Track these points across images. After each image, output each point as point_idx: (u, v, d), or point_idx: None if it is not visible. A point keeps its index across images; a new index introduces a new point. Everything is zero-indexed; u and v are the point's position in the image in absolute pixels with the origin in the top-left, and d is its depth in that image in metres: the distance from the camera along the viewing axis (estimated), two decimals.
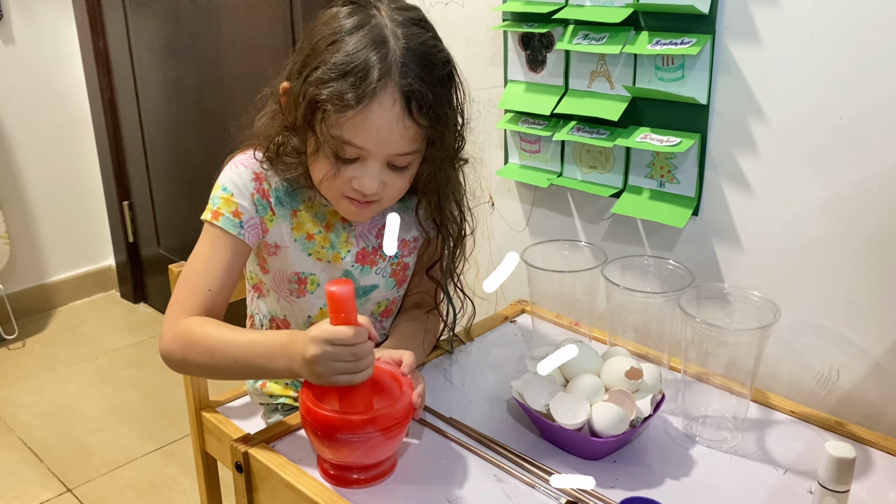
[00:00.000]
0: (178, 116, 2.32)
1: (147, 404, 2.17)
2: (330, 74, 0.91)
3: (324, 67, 0.92)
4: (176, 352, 0.98)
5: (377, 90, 0.90)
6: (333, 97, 0.90)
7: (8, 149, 2.51)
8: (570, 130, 1.26)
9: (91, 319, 2.67)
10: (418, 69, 0.92)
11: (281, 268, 1.07)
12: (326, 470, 0.91)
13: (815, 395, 1.12)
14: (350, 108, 0.90)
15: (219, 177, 1.05)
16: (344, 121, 0.91)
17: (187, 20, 2.15)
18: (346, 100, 0.90)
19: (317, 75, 0.92)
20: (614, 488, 0.89)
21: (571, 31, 1.23)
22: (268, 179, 1.04)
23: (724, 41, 1.09)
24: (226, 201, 1.02)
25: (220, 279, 1.01)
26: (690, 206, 1.17)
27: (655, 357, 1.10)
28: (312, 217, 1.06)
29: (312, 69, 0.93)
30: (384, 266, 1.11)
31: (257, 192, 1.03)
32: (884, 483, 0.91)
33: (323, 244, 1.07)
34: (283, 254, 1.06)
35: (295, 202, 1.06)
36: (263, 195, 1.04)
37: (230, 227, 1.02)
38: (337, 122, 0.92)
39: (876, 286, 1.03)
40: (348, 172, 0.96)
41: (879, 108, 0.98)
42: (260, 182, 1.03)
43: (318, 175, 0.98)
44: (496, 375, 1.13)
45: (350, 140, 0.93)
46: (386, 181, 0.97)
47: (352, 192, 0.97)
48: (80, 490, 1.83)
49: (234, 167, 1.05)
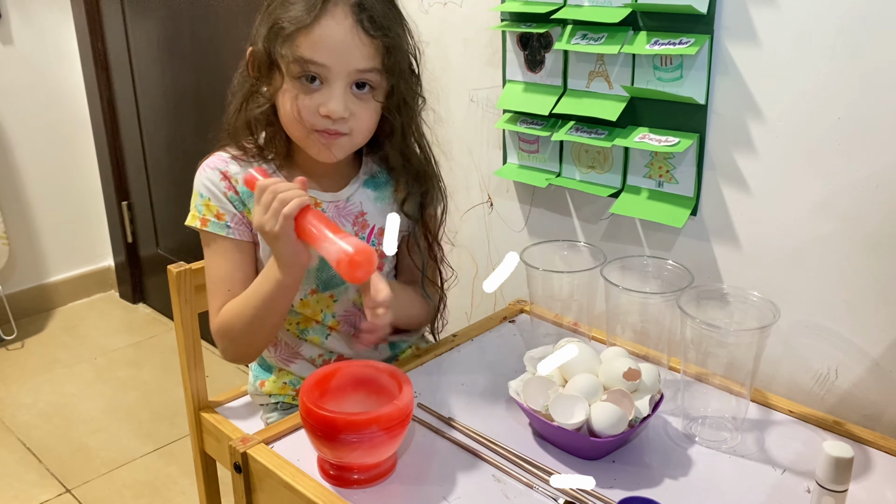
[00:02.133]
0: (177, 117, 2.32)
1: (146, 405, 2.17)
2: (285, 6, 0.99)
3: (277, 6, 1.00)
4: (228, 346, 1.08)
5: (329, 5, 0.97)
6: (288, 18, 0.98)
7: (7, 149, 2.51)
8: (569, 130, 1.26)
9: (90, 320, 2.67)
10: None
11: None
12: (326, 470, 0.91)
13: (815, 394, 1.12)
14: (309, 21, 0.97)
15: (194, 183, 1.10)
16: (301, 38, 0.98)
17: (186, 20, 2.15)
18: (300, 17, 0.97)
19: (274, 13, 1.00)
20: (613, 488, 0.89)
21: (570, 31, 1.23)
22: (234, 176, 1.08)
23: (723, 41, 1.09)
24: (206, 206, 1.08)
25: (234, 279, 1.08)
26: (689, 206, 1.18)
27: (655, 357, 1.10)
28: None
29: (269, 12, 1.01)
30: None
31: (228, 189, 1.08)
32: (882, 483, 0.91)
33: None
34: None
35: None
36: (234, 192, 1.08)
37: (218, 229, 1.08)
38: (294, 41, 0.98)
39: (875, 286, 1.03)
40: (315, 100, 1.00)
41: (878, 109, 0.98)
42: (228, 180, 1.08)
43: (287, 109, 1.02)
44: (495, 375, 1.13)
45: (310, 57, 0.98)
46: (352, 109, 1.01)
47: (320, 121, 1.01)
48: (78, 490, 1.83)
49: (203, 171, 1.10)
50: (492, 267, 1.51)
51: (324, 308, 1.14)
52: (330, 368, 0.95)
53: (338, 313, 1.15)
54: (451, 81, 1.46)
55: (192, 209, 1.09)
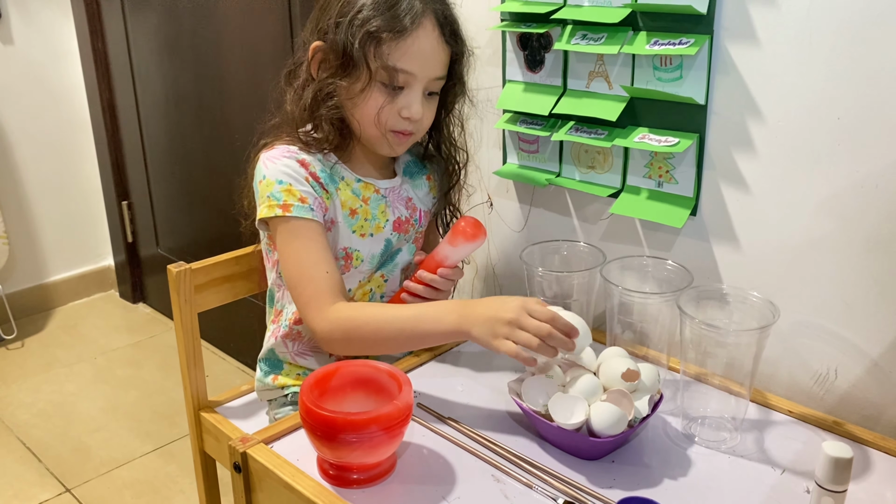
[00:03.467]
0: (177, 116, 2.32)
1: (146, 404, 2.17)
2: (375, 12, 1.03)
3: (365, 9, 1.03)
4: (338, 339, 1.06)
5: (422, 16, 1.04)
6: (386, 27, 1.03)
7: (7, 149, 2.51)
8: (569, 130, 1.26)
9: (90, 319, 2.67)
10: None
11: (332, 244, 1.13)
12: (326, 470, 0.91)
13: (814, 395, 1.12)
14: (404, 31, 1.03)
15: (263, 174, 1.09)
16: (396, 47, 1.04)
17: (186, 20, 2.15)
18: (401, 25, 1.03)
19: (363, 16, 1.03)
20: (612, 488, 0.89)
21: (570, 31, 1.23)
22: (311, 164, 1.10)
23: (723, 41, 1.09)
24: (288, 192, 1.08)
25: (328, 259, 1.08)
26: (689, 206, 1.18)
27: (654, 357, 1.10)
28: (351, 194, 1.14)
29: (355, 14, 1.04)
30: (412, 234, 1.22)
31: (308, 176, 1.10)
32: (882, 483, 0.91)
33: (365, 217, 1.15)
34: (335, 229, 1.13)
35: (335, 182, 1.13)
36: (314, 177, 1.10)
37: (304, 213, 1.07)
38: (390, 49, 1.03)
39: (874, 286, 1.03)
40: (397, 103, 1.07)
41: (877, 108, 0.98)
42: (306, 167, 1.10)
43: (369, 111, 1.07)
44: (494, 375, 1.13)
45: (401, 66, 1.04)
46: (423, 109, 1.09)
47: (400, 122, 1.09)
48: (78, 490, 1.83)
49: (275, 160, 1.10)
50: (491, 267, 1.52)
51: (374, 288, 1.19)
52: (329, 368, 0.95)
53: (386, 293, 1.21)
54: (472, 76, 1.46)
55: (265, 201, 1.08)
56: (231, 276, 1.29)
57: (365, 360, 0.97)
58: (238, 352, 2.38)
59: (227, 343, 2.40)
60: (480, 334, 0.95)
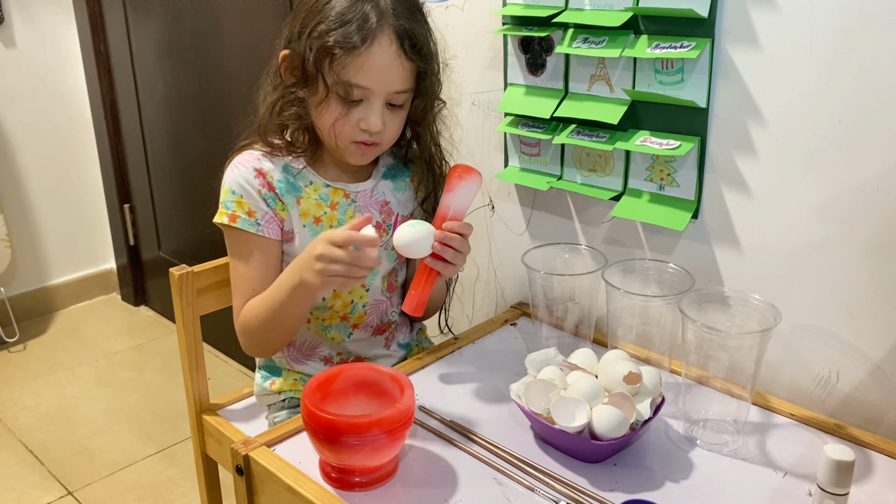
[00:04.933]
0: (179, 119, 2.33)
1: (147, 407, 2.17)
2: (332, 25, 1.02)
3: (325, 21, 1.03)
4: (247, 341, 1.12)
5: (377, 32, 1.02)
6: (340, 42, 1.02)
7: (9, 151, 2.51)
8: (570, 134, 1.26)
9: (92, 322, 2.67)
10: (406, 12, 1.06)
11: (297, 254, 1.12)
12: (328, 473, 0.91)
13: (816, 397, 1.12)
14: (356, 48, 1.02)
15: (223, 180, 1.12)
16: (350, 62, 1.02)
17: (188, 23, 2.15)
18: (352, 42, 1.02)
19: (320, 28, 1.03)
20: (614, 491, 0.89)
21: (571, 34, 1.23)
22: (269, 173, 1.11)
23: (724, 45, 1.09)
24: (237, 203, 1.09)
25: (260, 278, 1.11)
26: (690, 209, 1.18)
27: (656, 360, 1.10)
28: (316, 200, 1.13)
29: (315, 25, 1.03)
30: (387, 240, 1.17)
31: (263, 186, 1.10)
32: (884, 486, 0.91)
33: (331, 224, 1.14)
34: (298, 240, 1.13)
35: (297, 191, 1.12)
36: (269, 188, 1.10)
37: (249, 226, 1.09)
38: (343, 64, 1.03)
39: (875, 289, 1.03)
40: (355, 115, 1.06)
41: (878, 112, 0.98)
42: (263, 177, 1.10)
43: (326, 122, 1.07)
44: (496, 378, 1.13)
45: (356, 81, 1.03)
46: (386, 121, 1.07)
47: (359, 134, 1.07)
48: (80, 493, 1.83)
49: (235, 168, 1.12)
50: (493, 269, 1.52)
51: (355, 298, 1.18)
52: (332, 371, 0.95)
53: (368, 302, 1.19)
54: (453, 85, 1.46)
55: (220, 206, 1.11)
56: None
57: (367, 364, 0.97)
58: (240, 355, 2.38)
59: (229, 346, 2.40)
60: (309, 278, 0.99)
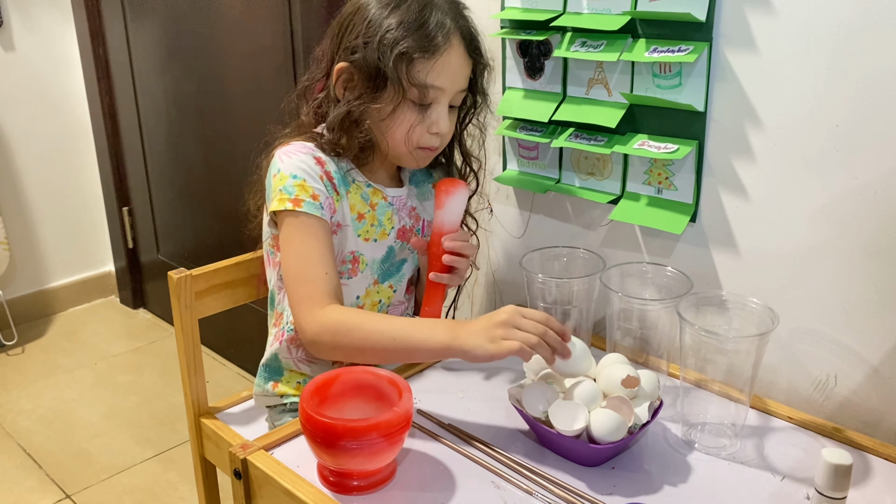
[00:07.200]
0: (178, 122, 2.33)
1: (146, 410, 2.17)
2: (405, 32, 1.04)
3: (396, 29, 1.04)
4: (327, 341, 1.03)
5: (452, 34, 1.06)
6: (419, 46, 1.04)
7: (8, 155, 2.51)
8: (568, 137, 1.27)
9: (90, 325, 2.67)
10: (463, 13, 1.10)
11: (339, 247, 1.13)
12: (326, 477, 0.91)
13: (814, 401, 1.12)
14: (438, 50, 1.05)
15: (276, 168, 1.09)
16: (428, 65, 1.05)
17: (187, 27, 2.15)
18: (434, 44, 1.04)
19: (391, 36, 1.04)
20: (612, 495, 0.89)
21: (569, 38, 1.23)
22: (327, 163, 1.11)
23: (722, 49, 1.09)
24: (301, 187, 1.07)
25: (329, 261, 1.07)
26: (688, 212, 1.18)
27: (654, 364, 1.10)
28: (360, 198, 1.14)
29: (383, 35, 1.04)
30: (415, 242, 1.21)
31: (323, 174, 1.10)
32: (882, 489, 0.91)
33: (372, 223, 1.15)
34: (342, 233, 1.13)
35: (346, 185, 1.13)
36: (328, 177, 1.10)
37: (314, 210, 1.07)
38: (422, 67, 1.05)
39: (873, 292, 1.03)
40: (426, 120, 1.09)
41: (876, 116, 0.98)
42: (322, 165, 1.10)
43: (401, 131, 1.09)
44: (494, 382, 1.13)
45: (433, 83, 1.06)
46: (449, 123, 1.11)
47: (428, 139, 1.10)
48: (78, 496, 1.83)
49: (292, 155, 1.10)
50: (491, 273, 1.52)
51: (384, 299, 1.20)
52: (330, 375, 0.95)
53: (393, 303, 1.21)
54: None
55: (277, 194, 1.07)
56: (232, 282, 1.29)
57: (365, 367, 0.97)
58: (238, 358, 2.38)
59: (227, 349, 2.40)
60: (476, 344, 0.94)
